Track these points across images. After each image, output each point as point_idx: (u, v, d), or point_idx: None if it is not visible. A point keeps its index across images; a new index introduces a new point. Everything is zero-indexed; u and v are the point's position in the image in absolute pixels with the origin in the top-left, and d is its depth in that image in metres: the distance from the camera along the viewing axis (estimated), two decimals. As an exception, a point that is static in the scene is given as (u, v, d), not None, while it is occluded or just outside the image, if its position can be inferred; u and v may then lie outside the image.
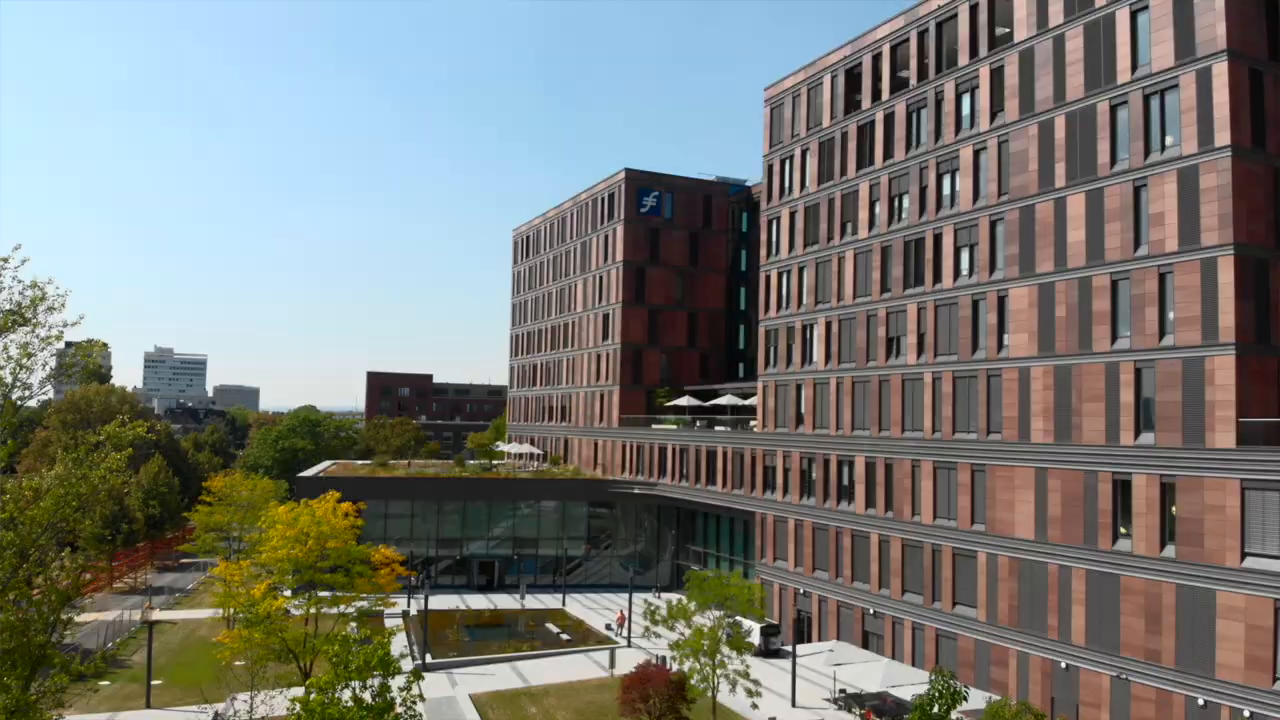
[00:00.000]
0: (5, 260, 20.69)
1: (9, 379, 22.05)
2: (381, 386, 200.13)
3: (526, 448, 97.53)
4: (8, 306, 20.87)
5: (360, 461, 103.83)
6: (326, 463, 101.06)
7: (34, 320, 21.22)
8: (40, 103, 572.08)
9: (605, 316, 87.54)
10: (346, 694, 18.58)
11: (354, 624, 46.13)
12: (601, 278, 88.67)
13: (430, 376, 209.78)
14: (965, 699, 28.82)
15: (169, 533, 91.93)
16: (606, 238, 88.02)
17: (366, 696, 19.02)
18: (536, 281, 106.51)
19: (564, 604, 70.94)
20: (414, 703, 19.50)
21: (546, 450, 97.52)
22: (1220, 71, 37.57)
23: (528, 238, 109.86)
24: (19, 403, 22.60)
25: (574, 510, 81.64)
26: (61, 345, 26.51)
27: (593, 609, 69.93)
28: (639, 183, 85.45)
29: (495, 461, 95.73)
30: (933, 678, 29.70)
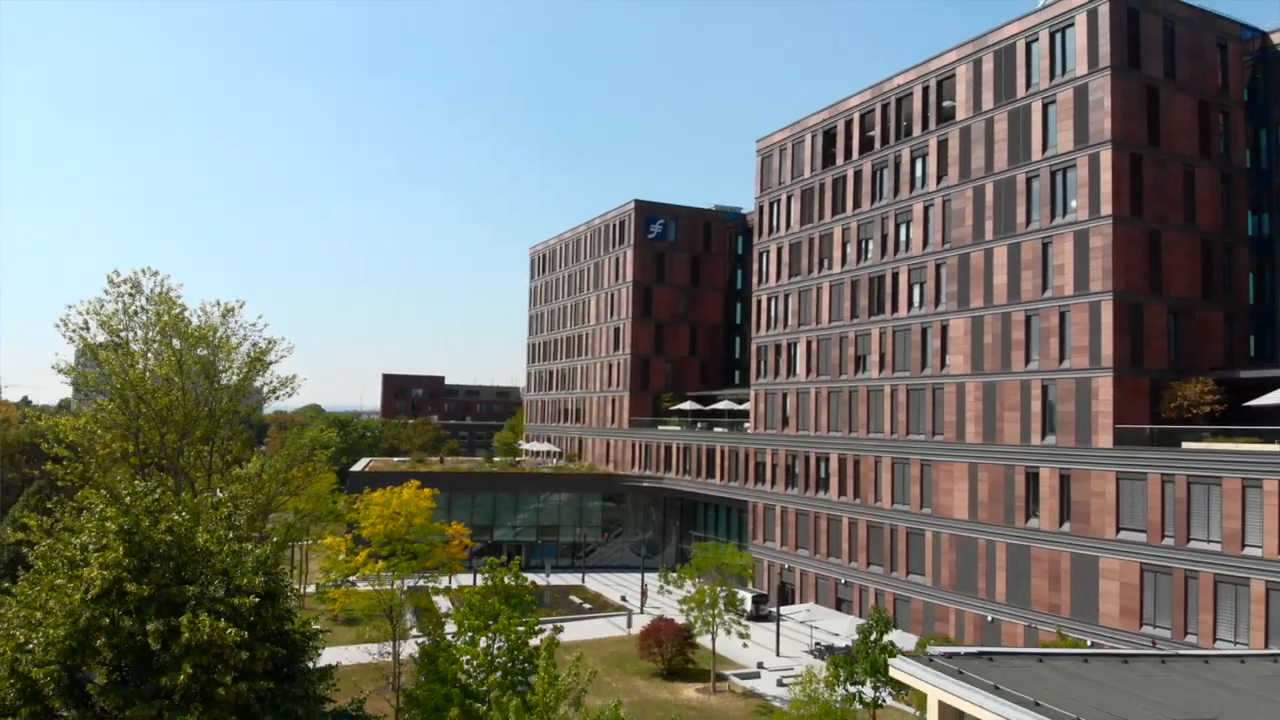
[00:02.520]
0: (254, 325, 31.71)
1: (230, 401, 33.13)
2: (396, 388, 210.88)
3: (546, 446, 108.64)
4: (253, 353, 31.88)
5: (397, 459, 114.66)
6: (366, 459, 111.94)
7: (267, 362, 32.23)
8: (50, 102, 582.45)
9: (616, 330, 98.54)
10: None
11: (403, 594, 57.01)
12: (613, 295, 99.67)
13: (443, 378, 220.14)
14: (894, 626, 39.77)
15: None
16: (618, 260, 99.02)
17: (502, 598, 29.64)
18: (552, 296, 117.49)
19: (583, 581, 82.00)
20: (533, 601, 30.11)
21: (563, 448, 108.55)
22: (1106, 157, 48.66)
23: (544, 255, 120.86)
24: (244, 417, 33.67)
25: (589, 501, 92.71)
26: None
27: (609, 586, 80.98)
28: (647, 212, 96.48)
29: (518, 458, 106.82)
30: (871, 612, 40.70)
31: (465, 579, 77.88)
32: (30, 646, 16.84)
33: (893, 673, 18.21)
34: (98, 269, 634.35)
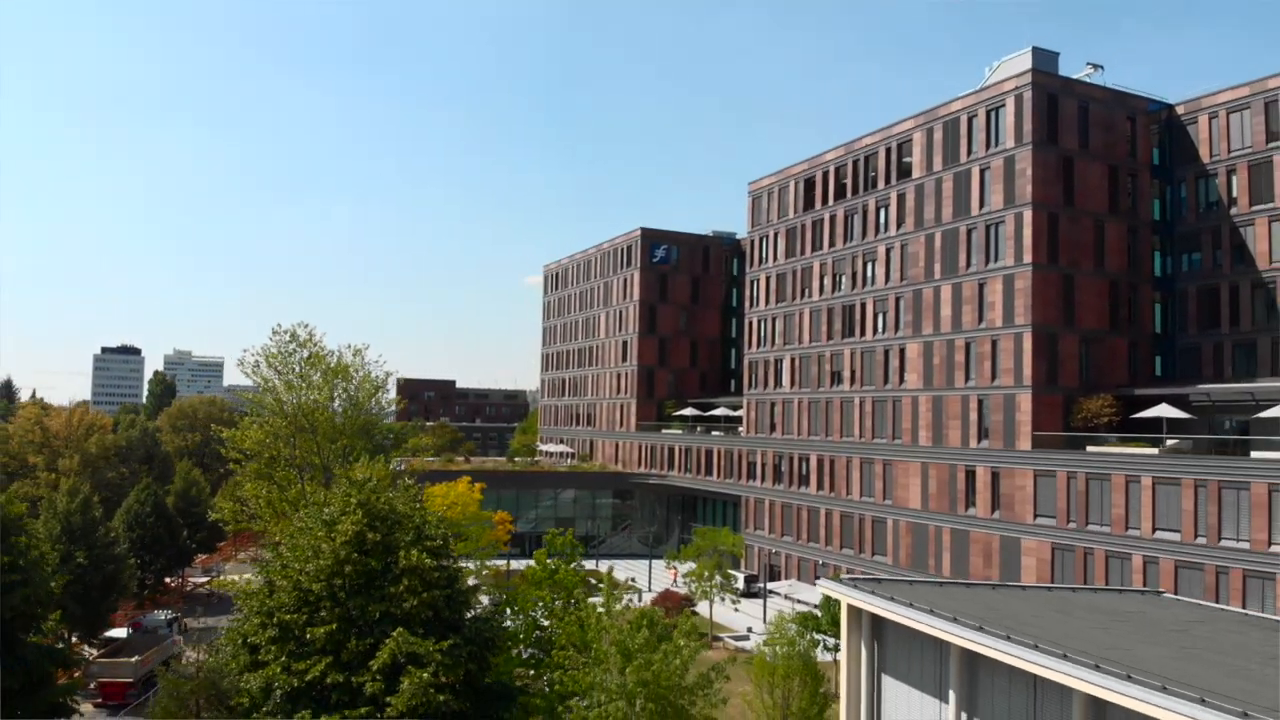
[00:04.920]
0: (377, 362, 43.23)
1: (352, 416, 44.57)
2: (410, 392, 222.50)
3: (562, 447, 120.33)
4: (375, 383, 43.32)
5: (427, 458, 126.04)
6: (398, 459, 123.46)
7: (385, 388, 43.70)
8: (50, 101, 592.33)
9: (624, 343, 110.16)
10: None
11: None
12: (621, 312, 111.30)
13: (454, 382, 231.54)
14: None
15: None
16: (625, 281, 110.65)
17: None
18: (565, 310, 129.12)
19: (596, 566, 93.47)
20: (580, 561, 41.51)
21: (576, 449, 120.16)
22: (1027, 216, 60.22)
23: (556, 274, 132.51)
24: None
25: (601, 497, 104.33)
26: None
27: (619, 570, 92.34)
28: (651, 238, 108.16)
29: (536, 458, 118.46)
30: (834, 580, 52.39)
31: (496, 564, 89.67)
32: (306, 572, 28.45)
33: (820, 588, 29.73)
34: (98, 270, 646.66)
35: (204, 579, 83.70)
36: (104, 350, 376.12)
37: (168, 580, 74.68)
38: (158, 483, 79.61)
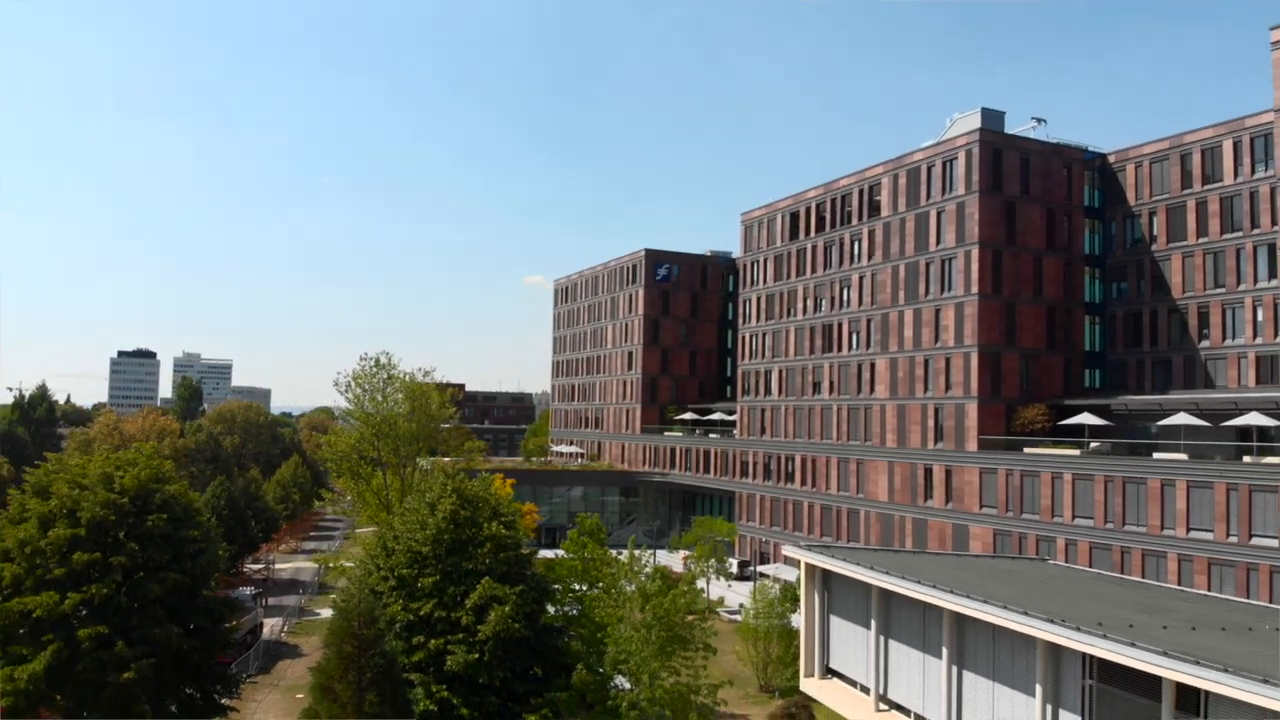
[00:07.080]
0: (442, 384, 54.04)
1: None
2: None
3: (572, 448, 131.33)
4: (439, 399, 54.15)
5: (447, 459, 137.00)
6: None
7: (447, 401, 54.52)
8: (49, 101, 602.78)
9: (629, 353, 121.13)
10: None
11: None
12: (626, 325, 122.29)
13: (463, 385, 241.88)
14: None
15: (304, 515, 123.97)
16: (630, 296, 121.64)
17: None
18: (574, 322, 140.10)
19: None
20: (605, 541, 52.38)
21: (585, 450, 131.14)
22: (975, 253, 71.22)
23: (566, 288, 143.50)
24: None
25: (609, 493, 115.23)
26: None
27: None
28: (655, 258, 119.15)
29: (548, 458, 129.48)
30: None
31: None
32: (415, 539, 39.46)
33: (785, 552, 40.74)
34: (99, 271, 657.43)
35: (259, 566, 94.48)
36: (120, 354, 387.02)
37: (238, 565, 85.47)
38: (227, 480, 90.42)
